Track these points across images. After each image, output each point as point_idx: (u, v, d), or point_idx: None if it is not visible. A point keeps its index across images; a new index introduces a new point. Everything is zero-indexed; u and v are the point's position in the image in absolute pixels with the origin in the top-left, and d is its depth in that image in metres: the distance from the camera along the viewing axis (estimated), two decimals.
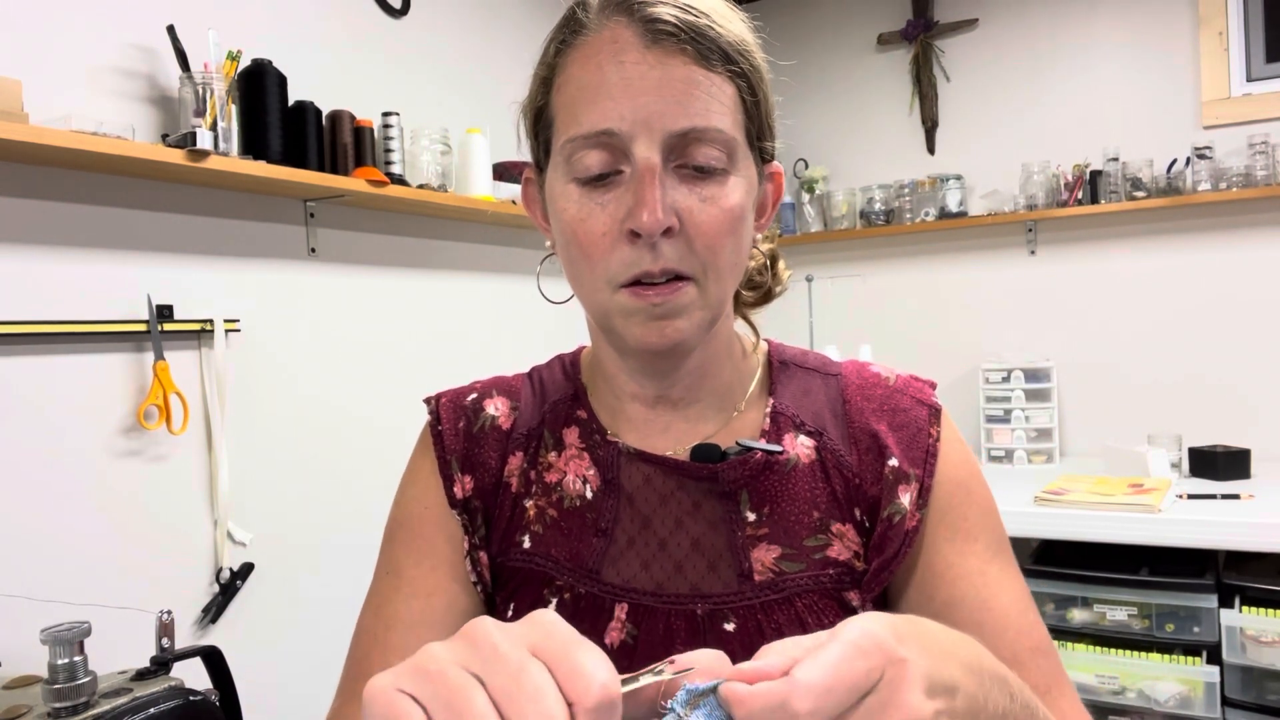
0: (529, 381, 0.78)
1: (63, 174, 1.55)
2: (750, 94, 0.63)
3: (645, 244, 0.59)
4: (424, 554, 0.72)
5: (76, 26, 1.58)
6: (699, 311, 0.62)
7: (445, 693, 0.34)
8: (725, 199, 0.60)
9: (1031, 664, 0.63)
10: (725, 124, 0.60)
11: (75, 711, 0.98)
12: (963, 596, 0.65)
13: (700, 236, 0.60)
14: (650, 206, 0.57)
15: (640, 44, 0.59)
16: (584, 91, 0.60)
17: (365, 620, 0.71)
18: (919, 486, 0.67)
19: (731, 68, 0.61)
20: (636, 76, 0.58)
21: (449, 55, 2.44)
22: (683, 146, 0.59)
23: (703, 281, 0.61)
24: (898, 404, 0.70)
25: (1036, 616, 0.66)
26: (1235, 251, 2.68)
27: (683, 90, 0.58)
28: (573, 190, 0.61)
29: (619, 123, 0.58)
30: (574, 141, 0.60)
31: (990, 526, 0.69)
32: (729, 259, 0.62)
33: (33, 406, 1.50)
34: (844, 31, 3.26)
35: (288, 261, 1.97)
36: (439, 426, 0.75)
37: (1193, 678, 1.96)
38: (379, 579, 0.73)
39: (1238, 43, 2.69)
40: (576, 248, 0.62)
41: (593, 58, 0.60)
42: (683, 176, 0.60)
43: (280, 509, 1.90)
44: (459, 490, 0.72)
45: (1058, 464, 2.74)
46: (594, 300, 0.63)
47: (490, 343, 2.52)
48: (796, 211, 3.27)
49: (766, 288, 0.76)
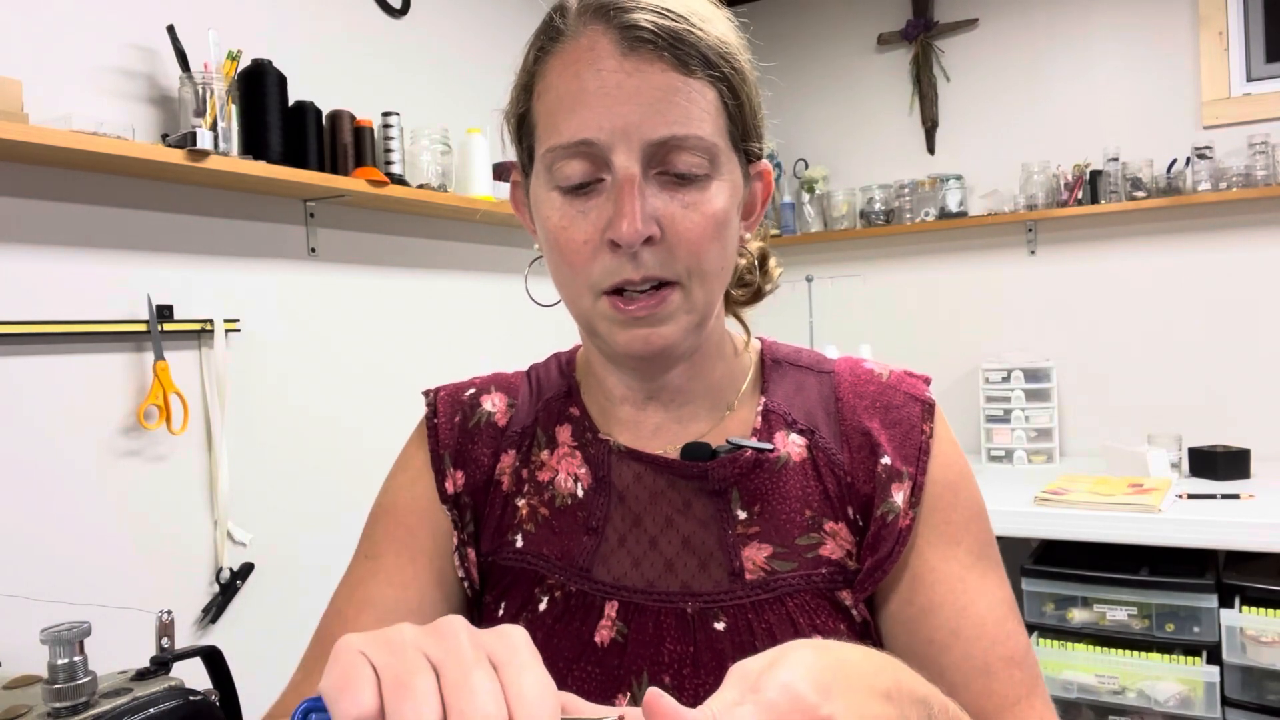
0: (527, 379, 0.78)
1: (63, 174, 1.55)
2: (733, 97, 0.62)
3: (626, 253, 0.59)
4: (404, 544, 0.72)
5: (76, 26, 1.58)
6: (685, 316, 0.62)
7: (400, 668, 0.36)
8: (707, 205, 0.60)
9: (1004, 674, 0.63)
10: (705, 130, 0.59)
11: (75, 711, 0.98)
12: (941, 602, 0.64)
13: (683, 244, 0.60)
14: (630, 217, 0.57)
15: (618, 52, 0.58)
16: (563, 101, 0.60)
17: (339, 600, 0.72)
18: (912, 484, 0.67)
19: (712, 72, 0.60)
20: (614, 85, 0.58)
21: (449, 55, 2.44)
22: (663, 155, 0.59)
23: (688, 286, 0.61)
24: (890, 400, 0.70)
25: (1016, 626, 0.65)
26: (1235, 251, 2.68)
27: (661, 98, 0.58)
28: (555, 198, 0.61)
29: (597, 133, 0.58)
30: (554, 151, 0.60)
31: (975, 531, 0.68)
32: (713, 264, 0.62)
33: (33, 406, 1.50)
34: (844, 31, 3.26)
35: (288, 261, 1.97)
36: (435, 420, 0.75)
37: (1193, 678, 1.96)
38: (358, 560, 0.73)
39: (1238, 43, 2.69)
40: (559, 254, 0.62)
41: (571, 65, 0.60)
42: (663, 184, 0.60)
43: (280, 509, 1.90)
44: (450, 485, 0.72)
45: (1058, 464, 2.74)
46: (578, 306, 0.64)
47: (490, 342, 2.52)
48: (796, 211, 3.27)
49: (757, 286, 0.76)
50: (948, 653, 0.63)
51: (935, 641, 0.64)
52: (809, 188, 3.24)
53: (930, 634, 0.64)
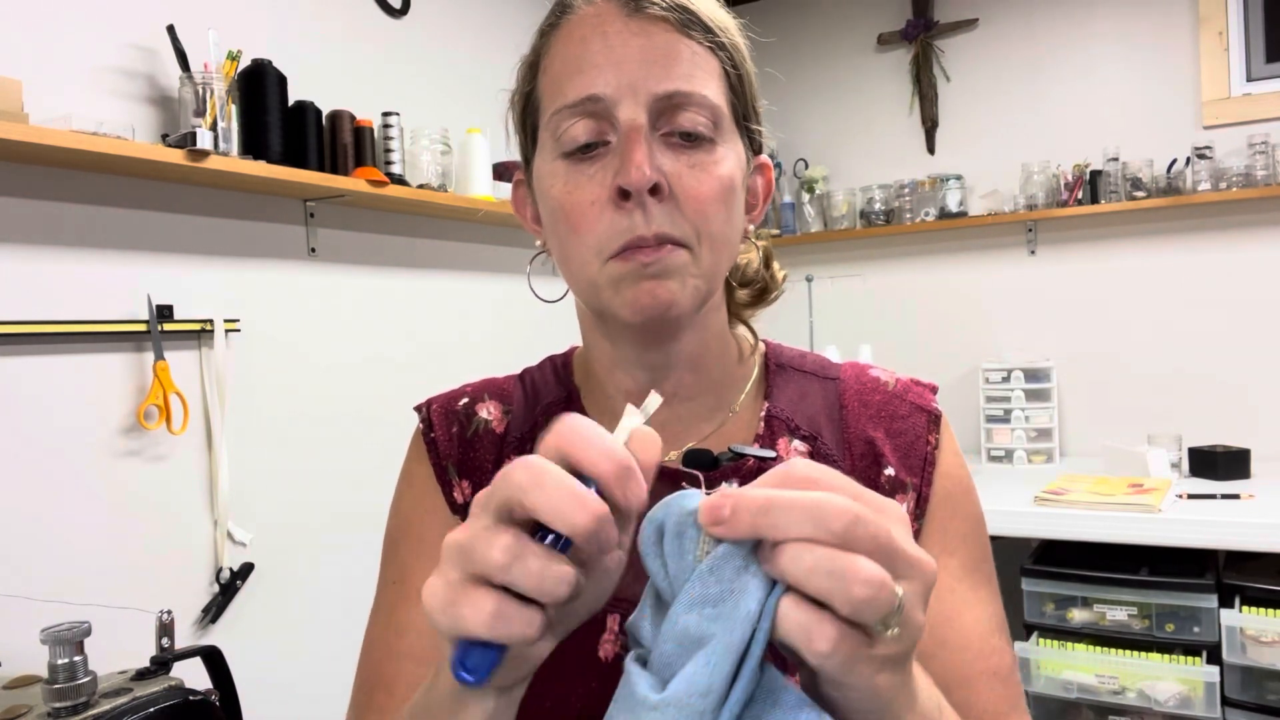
0: (520, 384, 0.76)
1: (63, 174, 1.55)
2: (734, 68, 0.63)
3: (636, 206, 0.58)
4: (429, 560, 0.70)
5: (76, 26, 1.58)
6: (691, 278, 0.61)
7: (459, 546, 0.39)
8: (715, 166, 0.60)
9: (985, 687, 0.62)
10: (710, 91, 0.60)
11: (75, 711, 0.98)
12: (930, 610, 0.64)
13: (690, 201, 0.59)
14: (637, 162, 0.57)
15: (622, 14, 0.60)
16: (568, 64, 0.61)
17: (374, 630, 0.70)
18: (916, 495, 0.66)
19: (714, 38, 0.62)
20: (619, 44, 0.59)
21: (449, 55, 2.44)
22: (670, 112, 0.59)
23: (696, 249, 0.60)
24: (896, 410, 0.70)
25: (1002, 642, 0.65)
26: (1235, 251, 2.68)
27: (666, 55, 0.59)
28: (560, 166, 0.61)
29: (603, 88, 0.59)
30: (560, 113, 0.60)
31: (971, 545, 0.67)
32: (720, 227, 0.61)
33: (33, 406, 1.50)
34: (844, 31, 3.26)
35: (288, 261, 1.97)
36: (432, 434, 0.74)
37: (1193, 678, 1.96)
38: (384, 589, 0.71)
39: (1238, 43, 2.69)
40: (565, 222, 0.61)
41: (576, 32, 0.61)
42: (670, 144, 0.60)
43: (280, 509, 1.90)
44: (459, 495, 0.71)
45: (1058, 464, 2.74)
46: (584, 276, 0.62)
47: (490, 342, 2.52)
48: (796, 211, 3.27)
49: (763, 284, 0.75)
50: (931, 662, 0.62)
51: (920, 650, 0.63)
52: (809, 188, 3.24)
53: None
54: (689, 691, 0.35)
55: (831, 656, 0.36)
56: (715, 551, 0.37)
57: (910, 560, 0.38)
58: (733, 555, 0.37)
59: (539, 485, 0.38)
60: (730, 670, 0.35)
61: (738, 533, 0.37)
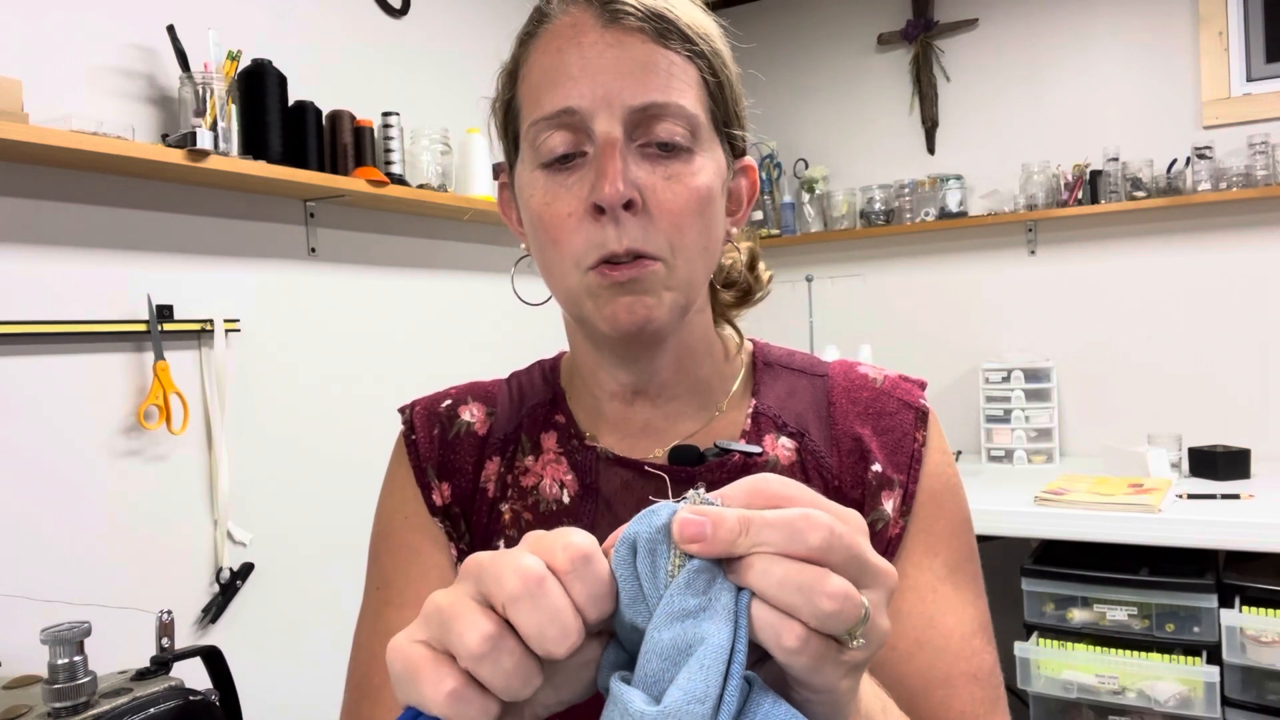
0: (507, 387, 0.77)
1: (63, 174, 1.55)
2: (713, 75, 0.63)
3: (609, 220, 0.58)
4: (410, 563, 0.70)
5: (76, 26, 1.58)
6: (667, 292, 0.61)
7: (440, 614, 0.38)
8: (690, 178, 0.60)
9: (964, 689, 0.62)
10: (686, 100, 0.60)
11: (75, 711, 0.98)
12: (909, 610, 0.64)
13: (664, 215, 0.59)
14: (610, 178, 0.57)
15: (598, 25, 0.60)
16: (545, 75, 0.61)
17: (361, 637, 0.70)
18: (903, 492, 0.66)
19: (692, 47, 0.61)
20: (594, 55, 0.59)
21: (449, 55, 2.44)
22: (645, 124, 0.59)
23: (670, 262, 0.60)
24: (884, 407, 0.69)
25: (983, 644, 0.65)
26: (1235, 251, 2.68)
27: (642, 67, 0.59)
28: (539, 176, 0.61)
29: (579, 100, 0.58)
30: (537, 124, 0.60)
31: (956, 545, 0.67)
32: (696, 240, 0.61)
33: (33, 406, 1.50)
34: (844, 31, 3.26)
35: (288, 261, 1.97)
36: (413, 436, 0.74)
37: (1193, 678, 1.96)
38: (369, 594, 0.72)
39: (1238, 43, 2.69)
40: (544, 232, 0.61)
41: (553, 43, 0.61)
42: (646, 155, 0.60)
43: (280, 509, 1.90)
44: (438, 498, 0.71)
45: (1058, 464, 2.74)
46: (564, 286, 0.62)
47: (490, 342, 2.52)
48: (796, 211, 3.27)
49: (746, 286, 0.75)
50: (910, 661, 0.62)
51: (898, 649, 0.63)
52: (809, 188, 3.24)
53: (894, 641, 0.63)
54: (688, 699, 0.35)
55: (800, 654, 0.36)
56: (689, 565, 0.38)
57: (874, 571, 0.39)
58: (705, 568, 0.38)
59: (531, 598, 0.36)
60: (722, 675, 0.36)
61: (715, 552, 0.37)
